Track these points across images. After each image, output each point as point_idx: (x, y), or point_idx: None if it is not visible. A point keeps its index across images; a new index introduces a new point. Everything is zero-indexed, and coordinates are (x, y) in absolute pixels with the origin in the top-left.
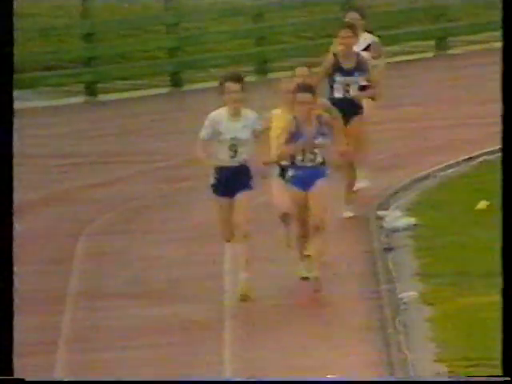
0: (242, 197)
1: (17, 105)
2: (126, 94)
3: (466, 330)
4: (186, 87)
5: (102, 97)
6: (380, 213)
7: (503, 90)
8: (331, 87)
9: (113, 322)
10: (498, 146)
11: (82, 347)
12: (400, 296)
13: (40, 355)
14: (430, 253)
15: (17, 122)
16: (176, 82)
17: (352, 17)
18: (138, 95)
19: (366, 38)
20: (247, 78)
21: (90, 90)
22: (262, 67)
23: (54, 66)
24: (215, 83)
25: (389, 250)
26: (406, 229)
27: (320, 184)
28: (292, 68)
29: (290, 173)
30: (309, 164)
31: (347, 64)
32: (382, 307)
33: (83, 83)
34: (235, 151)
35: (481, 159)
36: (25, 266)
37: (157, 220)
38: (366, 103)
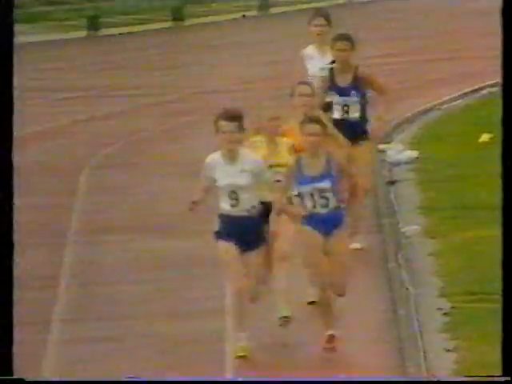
0: (253, 256)
1: (19, 39)
2: (128, 29)
3: (469, 264)
4: (188, 22)
5: (104, 31)
6: (382, 146)
7: (503, 90)
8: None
9: (115, 256)
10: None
11: (83, 281)
12: (403, 230)
13: (42, 290)
14: (432, 186)
15: (19, 56)
16: (178, 16)
17: (319, 23)
18: (139, 30)
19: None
20: (249, 13)
21: (93, 25)
22: (265, 2)
23: (57, 0)
24: (217, 18)
25: (391, 183)
26: (408, 162)
27: (339, 234)
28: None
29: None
30: (322, 211)
31: (343, 81)
32: (384, 242)
33: (86, 18)
34: (236, 199)
35: (484, 92)
36: (26, 198)
37: (159, 154)
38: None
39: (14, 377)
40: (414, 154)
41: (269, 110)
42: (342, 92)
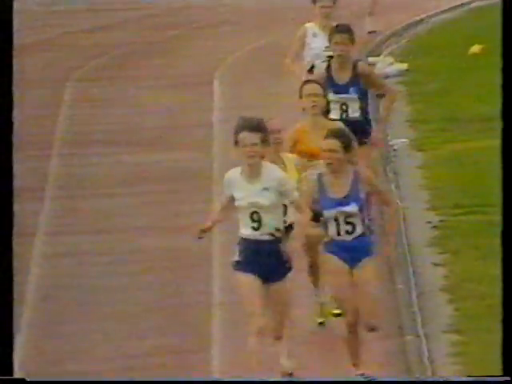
0: (277, 287)
1: None
2: None
3: (458, 177)
4: None
5: None
6: (371, 59)
7: (503, 90)
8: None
9: (101, 169)
10: None
11: (69, 194)
12: (391, 143)
13: (27, 202)
14: (421, 99)
15: None
16: None
17: (325, 4)
18: None
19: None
20: None
21: None
22: None
23: None
24: None
25: (380, 96)
26: (397, 75)
27: (367, 264)
28: None
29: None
30: (347, 238)
31: (342, 78)
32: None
33: None
34: (258, 221)
35: (472, 5)
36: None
37: (145, 67)
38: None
39: (14, 377)
40: (402, 66)
41: (269, 120)
42: (341, 89)
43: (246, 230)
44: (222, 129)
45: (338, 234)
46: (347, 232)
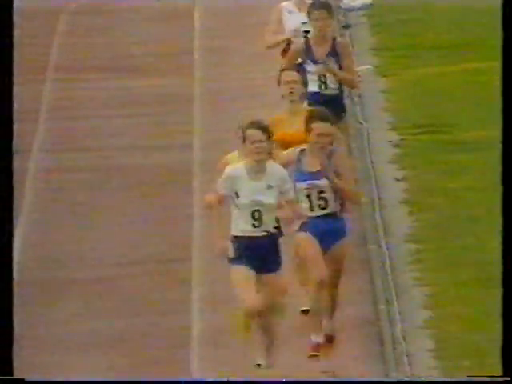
0: (273, 277)
1: None
2: None
3: (418, 99)
4: None
5: None
6: None
7: (503, 89)
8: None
9: (92, 94)
10: None
11: (64, 115)
12: (356, 69)
13: (22, 122)
14: (385, 29)
15: None
16: None
17: None
18: None
19: None
20: None
21: None
22: None
23: None
24: None
25: (346, 27)
26: (362, 9)
27: (340, 245)
28: None
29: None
30: (320, 213)
31: (320, 50)
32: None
33: None
34: (259, 219)
35: None
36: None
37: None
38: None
39: (14, 377)
40: (368, 1)
41: (251, 118)
42: (319, 62)
43: (245, 227)
44: (202, 55)
45: (312, 209)
46: (319, 206)
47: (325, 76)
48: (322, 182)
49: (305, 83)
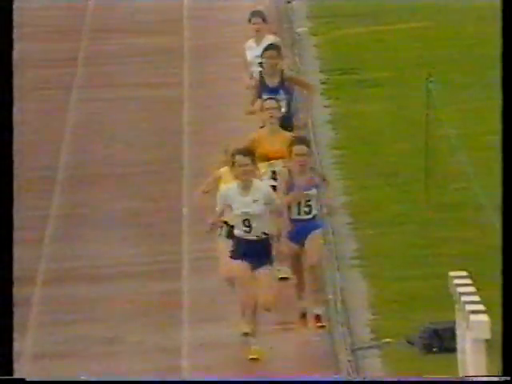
0: (263, 274)
1: None
2: None
3: (339, 51)
4: None
5: None
6: None
7: (503, 89)
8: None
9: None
10: None
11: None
12: (295, 31)
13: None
14: (317, 2)
15: None
16: None
17: (256, 21)
18: None
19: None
20: None
21: None
22: None
23: None
24: None
25: (289, 1)
26: None
27: (316, 234)
28: None
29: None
30: (305, 217)
31: (272, 83)
32: (283, 39)
33: None
34: (249, 226)
35: None
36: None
37: None
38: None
39: (14, 377)
40: None
41: (236, 143)
42: (272, 91)
43: (239, 232)
44: (189, 23)
45: (299, 213)
46: (305, 212)
47: (278, 101)
48: (311, 192)
49: (280, 108)
